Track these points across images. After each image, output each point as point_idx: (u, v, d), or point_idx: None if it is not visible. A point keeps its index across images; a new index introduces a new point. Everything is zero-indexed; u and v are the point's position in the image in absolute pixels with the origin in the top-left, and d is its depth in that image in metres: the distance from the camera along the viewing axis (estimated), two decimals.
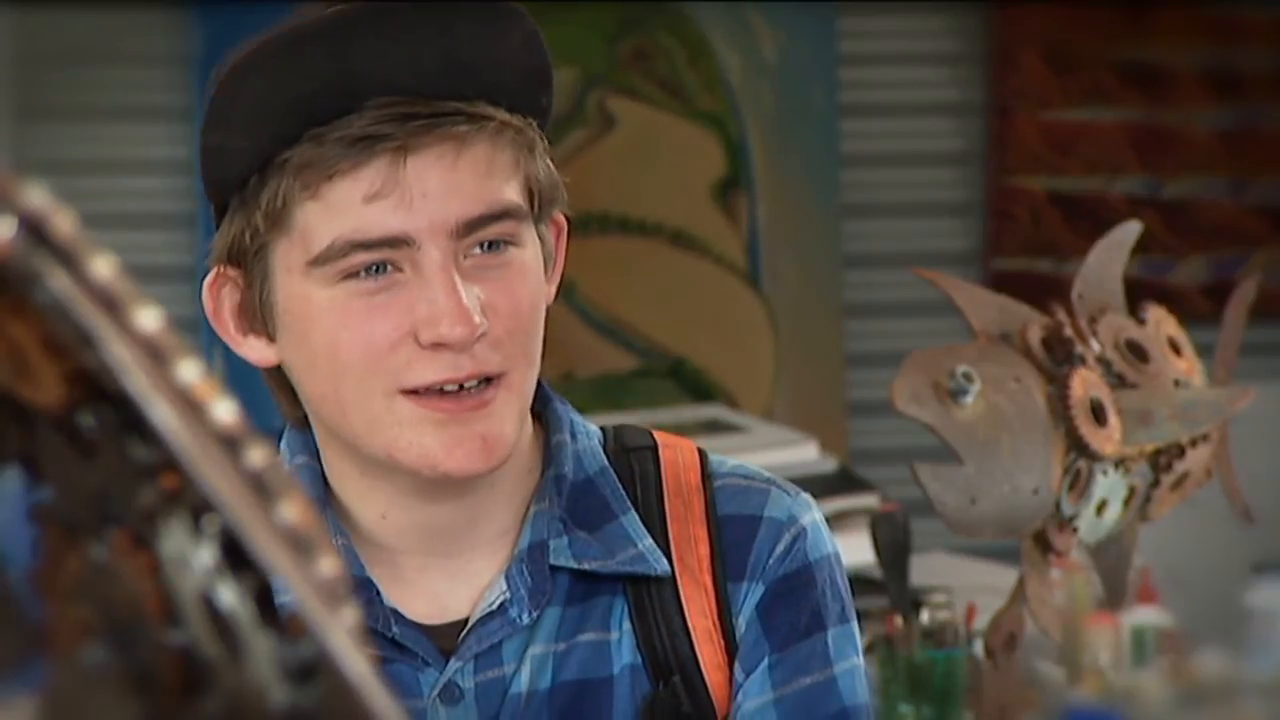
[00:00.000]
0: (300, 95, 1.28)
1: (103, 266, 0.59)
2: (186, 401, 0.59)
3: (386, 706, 0.58)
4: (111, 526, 0.62)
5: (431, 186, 1.29)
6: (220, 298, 1.36)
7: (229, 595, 0.60)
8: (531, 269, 1.34)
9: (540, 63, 1.35)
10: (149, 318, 0.59)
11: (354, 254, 1.29)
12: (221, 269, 1.35)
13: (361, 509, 1.37)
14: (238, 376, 4.11)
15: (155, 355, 0.59)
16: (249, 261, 1.33)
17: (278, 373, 1.39)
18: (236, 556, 0.60)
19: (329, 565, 0.59)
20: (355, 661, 0.58)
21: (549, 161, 1.36)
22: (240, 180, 1.31)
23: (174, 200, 4.30)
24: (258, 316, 1.35)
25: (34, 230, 0.59)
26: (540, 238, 1.36)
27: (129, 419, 0.60)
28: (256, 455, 0.59)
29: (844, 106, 4.53)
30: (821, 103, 4.52)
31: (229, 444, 0.59)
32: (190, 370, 0.59)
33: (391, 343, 1.30)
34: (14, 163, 4.16)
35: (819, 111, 4.52)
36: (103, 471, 0.62)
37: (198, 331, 4.24)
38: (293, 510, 0.59)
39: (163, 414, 0.59)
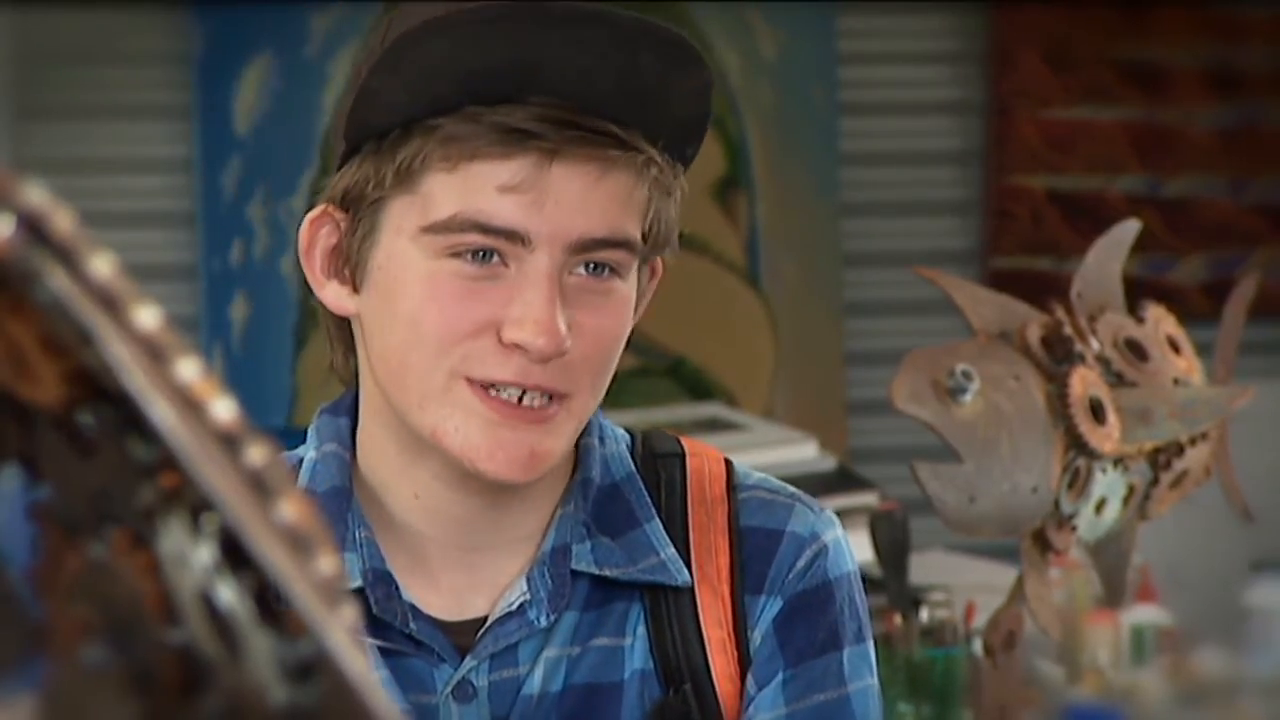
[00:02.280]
0: (474, 70, 1.27)
1: (102, 265, 0.59)
2: (186, 400, 0.59)
3: (386, 705, 0.58)
4: (111, 525, 0.63)
5: (567, 197, 1.28)
6: (317, 235, 1.36)
7: (228, 594, 0.60)
8: (627, 304, 1.34)
9: (703, 114, 1.35)
10: (148, 316, 0.59)
11: (470, 233, 1.28)
12: (328, 208, 1.35)
13: (395, 489, 1.37)
14: (237, 374, 4.10)
15: (154, 354, 0.59)
16: (361, 209, 1.33)
17: (343, 324, 1.39)
18: (236, 555, 0.60)
19: (328, 564, 0.59)
20: (355, 660, 0.58)
21: (675, 211, 1.36)
22: (382, 130, 1.31)
23: (174, 199, 4.31)
24: (349, 264, 1.34)
25: (33, 229, 0.59)
26: (638, 276, 1.36)
27: (128, 418, 0.60)
28: (256, 454, 0.59)
29: (844, 105, 4.54)
30: (821, 101, 4.52)
31: (228, 442, 0.59)
32: (189, 369, 0.59)
33: (475, 331, 1.29)
34: (14, 161, 4.17)
35: (819, 110, 4.52)
36: (102, 470, 0.62)
37: (197, 330, 4.25)
38: (292, 508, 0.59)
39: (162, 412, 0.59)
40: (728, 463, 1.45)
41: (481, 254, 1.29)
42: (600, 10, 1.29)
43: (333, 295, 1.37)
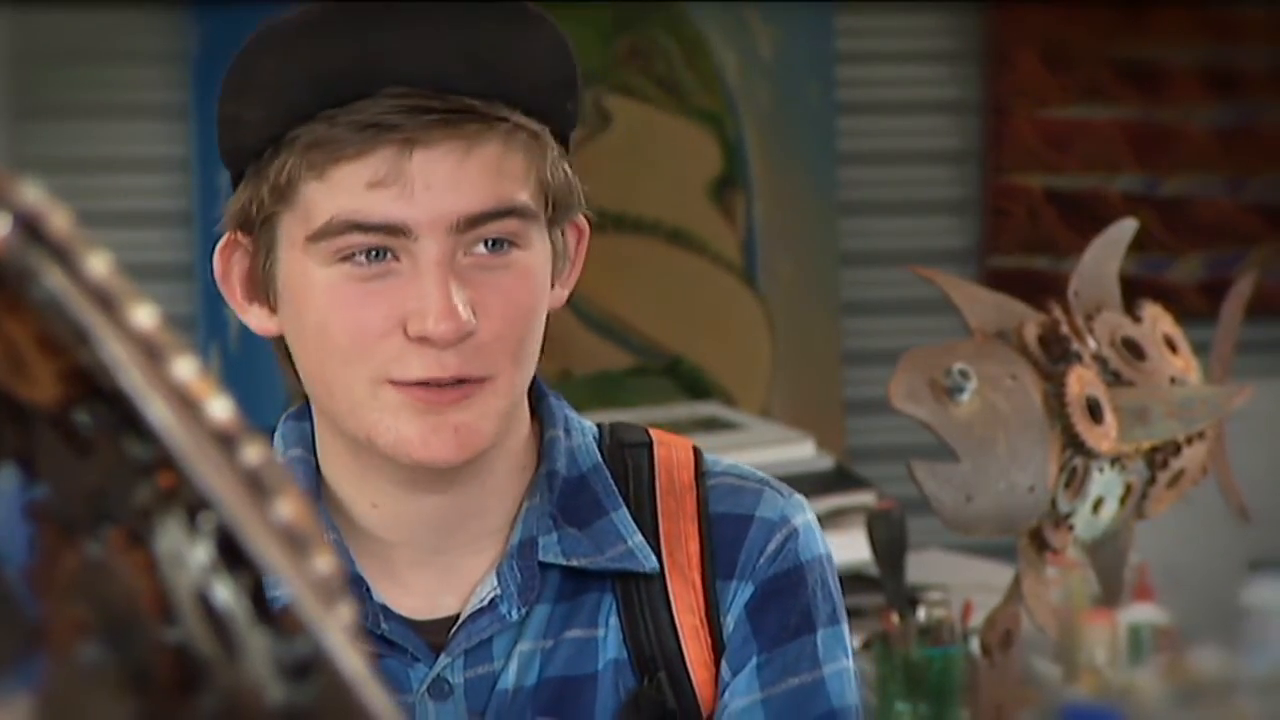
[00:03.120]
0: (317, 75, 1.28)
1: (98, 264, 0.59)
2: (182, 399, 0.59)
3: (383, 704, 0.58)
4: (107, 524, 0.62)
5: (435, 180, 1.29)
6: (230, 262, 1.38)
7: (225, 593, 0.60)
8: (534, 272, 1.34)
9: (564, 70, 1.35)
10: (144, 315, 0.59)
11: (351, 234, 1.29)
12: (233, 235, 1.36)
13: (354, 497, 1.38)
14: (233, 374, 4.10)
15: (151, 352, 0.59)
16: (257, 230, 1.34)
17: (284, 342, 1.39)
18: (232, 554, 0.60)
19: (325, 562, 0.59)
20: (351, 659, 0.58)
21: (566, 166, 1.36)
22: (254, 150, 1.32)
23: (171, 198, 4.30)
24: (261, 285, 1.36)
25: (30, 227, 0.59)
26: (553, 242, 1.36)
27: (125, 416, 0.60)
28: (252, 452, 0.59)
29: (841, 104, 4.53)
30: (818, 100, 4.52)
31: (225, 441, 0.59)
32: (186, 367, 0.59)
33: (381, 332, 1.30)
34: (11, 160, 4.16)
35: (816, 109, 4.52)
36: (98, 469, 0.62)
37: (194, 329, 4.25)
38: (289, 507, 0.59)
39: (158, 411, 0.58)
40: (696, 450, 1.45)
41: (372, 253, 1.30)
42: None
43: (255, 319, 1.38)
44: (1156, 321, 2.18)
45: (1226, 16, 4.60)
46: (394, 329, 1.30)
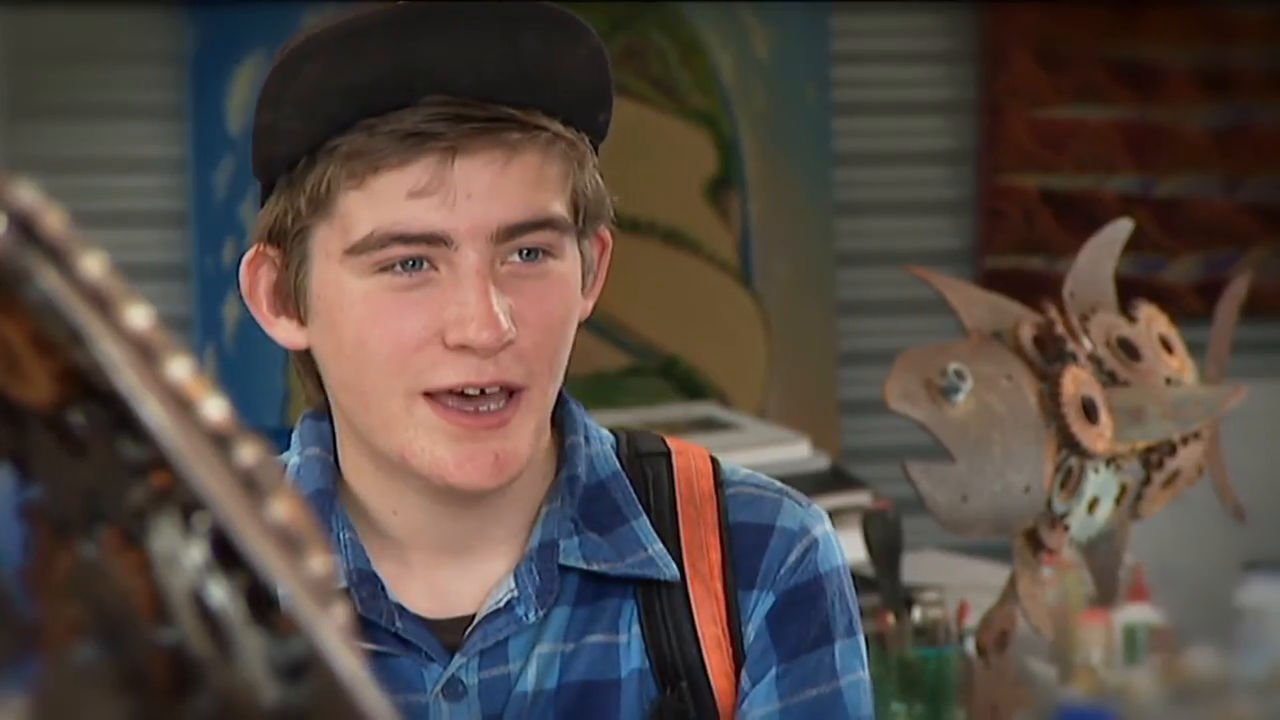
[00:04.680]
0: (357, 85, 1.28)
1: (93, 264, 0.59)
2: (177, 399, 0.59)
3: (378, 704, 0.58)
4: (102, 524, 0.62)
5: (476, 189, 1.28)
6: (257, 276, 1.36)
7: (219, 593, 0.60)
8: (568, 283, 1.34)
9: (602, 81, 1.35)
10: (139, 315, 0.59)
11: (391, 246, 1.28)
12: (261, 247, 1.35)
13: (375, 502, 1.37)
14: (229, 374, 4.10)
15: (146, 353, 0.59)
16: (289, 243, 1.33)
17: (306, 356, 1.38)
18: (227, 554, 0.60)
19: (320, 563, 0.59)
20: (346, 659, 0.58)
21: (599, 177, 1.36)
22: (289, 161, 1.31)
23: (166, 198, 4.30)
24: (291, 298, 1.35)
25: (24, 228, 0.59)
26: (582, 252, 1.36)
27: (119, 417, 0.60)
28: (247, 453, 0.59)
29: (837, 104, 4.54)
30: (814, 101, 4.53)
31: (219, 442, 0.59)
32: (181, 368, 0.59)
33: (419, 341, 1.29)
34: (6, 160, 4.16)
35: (812, 109, 4.53)
36: (93, 469, 0.62)
37: (189, 329, 4.25)
38: (283, 508, 0.59)
39: (153, 412, 0.58)
40: (714, 460, 1.45)
41: (410, 263, 1.29)
42: (468, 3, 1.29)
43: (283, 332, 1.37)
44: (1152, 322, 2.18)
45: (1221, 17, 4.60)
46: (433, 338, 1.29)
